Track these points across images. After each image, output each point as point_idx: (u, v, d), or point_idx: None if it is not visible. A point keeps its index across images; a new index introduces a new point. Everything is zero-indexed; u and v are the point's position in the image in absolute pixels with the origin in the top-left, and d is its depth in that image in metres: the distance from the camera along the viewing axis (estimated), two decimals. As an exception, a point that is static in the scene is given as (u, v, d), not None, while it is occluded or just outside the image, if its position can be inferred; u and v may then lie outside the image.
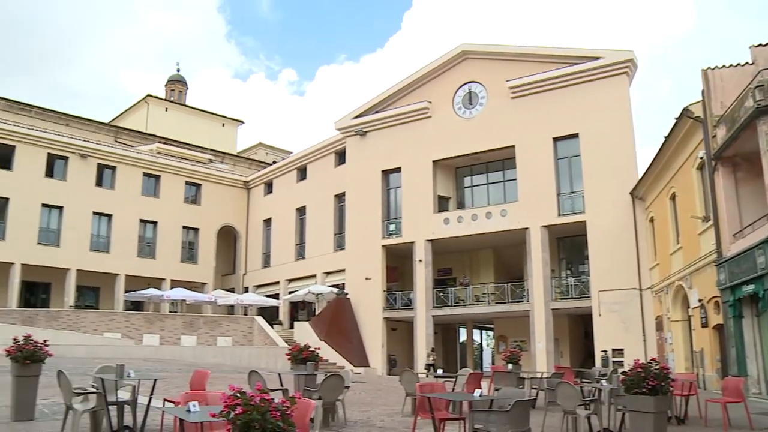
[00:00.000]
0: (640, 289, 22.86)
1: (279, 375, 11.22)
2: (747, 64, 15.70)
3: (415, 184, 28.87)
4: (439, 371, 17.24)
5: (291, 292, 33.83)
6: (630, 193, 23.38)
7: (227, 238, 39.74)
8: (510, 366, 14.65)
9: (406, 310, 28.44)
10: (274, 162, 43.12)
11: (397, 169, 29.80)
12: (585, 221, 24.28)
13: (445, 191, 29.32)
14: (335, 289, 30.38)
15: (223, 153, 46.51)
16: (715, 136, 15.63)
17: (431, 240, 27.99)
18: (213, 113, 51.83)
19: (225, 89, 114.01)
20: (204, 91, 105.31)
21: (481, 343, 35.28)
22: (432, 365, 24.95)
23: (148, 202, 35.71)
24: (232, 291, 37.74)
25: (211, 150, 45.00)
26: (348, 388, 10.28)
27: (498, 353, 28.48)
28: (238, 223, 39.61)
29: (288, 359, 11.39)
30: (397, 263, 30.32)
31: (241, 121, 53.53)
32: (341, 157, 33.41)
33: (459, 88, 28.50)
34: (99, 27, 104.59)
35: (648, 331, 22.44)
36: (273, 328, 31.53)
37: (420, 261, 28.03)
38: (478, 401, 7.49)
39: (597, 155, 24.26)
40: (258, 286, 37.77)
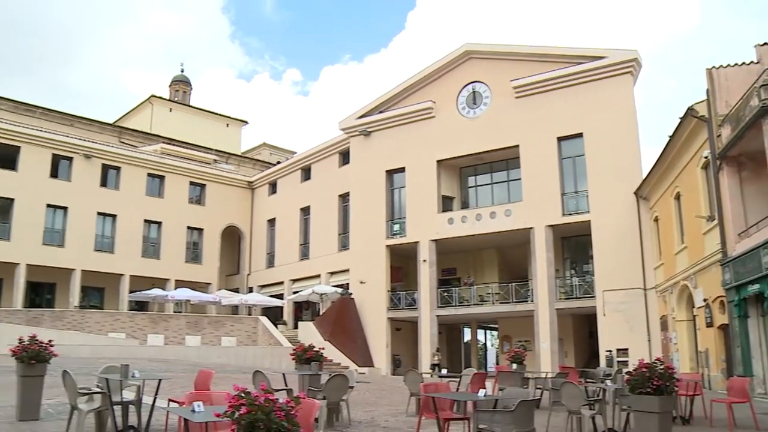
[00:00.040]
0: (645, 289, 22.81)
1: (283, 375, 11.20)
2: (752, 63, 15.67)
3: (419, 184, 28.86)
4: (444, 371, 17.27)
5: (295, 292, 33.87)
6: (634, 192, 23.34)
7: (231, 239, 39.80)
8: (514, 366, 14.66)
9: (411, 310, 28.43)
10: (279, 162, 43.16)
11: (401, 169, 29.78)
12: (589, 221, 24.23)
13: (449, 191, 29.29)
14: (339, 289, 30.41)
15: (227, 153, 46.62)
16: (719, 135, 15.59)
17: (435, 240, 27.98)
18: (217, 113, 51.90)
19: (229, 89, 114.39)
20: (208, 91, 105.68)
21: (485, 343, 35.27)
22: (437, 365, 24.99)
23: (153, 203, 35.81)
24: (237, 291, 37.79)
25: (215, 150, 45.13)
26: (352, 388, 10.26)
27: (502, 353, 28.48)
28: (243, 223, 39.66)
29: (292, 359, 11.37)
30: (402, 263, 30.32)
31: (246, 122, 53.64)
32: (345, 157, 33.42)
33: (463, 88, 28.47)
34: (100, 26, 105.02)
35: (653, 331, 22.40)
36: (277, 328, 31.53)
37: (424, 261, 28.01)
38: (482, 401, 7.46)
39: (601, 155, 24.20)
40: (262, 286, 37.81)
